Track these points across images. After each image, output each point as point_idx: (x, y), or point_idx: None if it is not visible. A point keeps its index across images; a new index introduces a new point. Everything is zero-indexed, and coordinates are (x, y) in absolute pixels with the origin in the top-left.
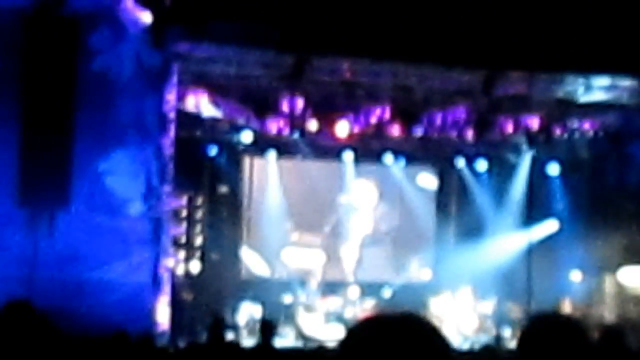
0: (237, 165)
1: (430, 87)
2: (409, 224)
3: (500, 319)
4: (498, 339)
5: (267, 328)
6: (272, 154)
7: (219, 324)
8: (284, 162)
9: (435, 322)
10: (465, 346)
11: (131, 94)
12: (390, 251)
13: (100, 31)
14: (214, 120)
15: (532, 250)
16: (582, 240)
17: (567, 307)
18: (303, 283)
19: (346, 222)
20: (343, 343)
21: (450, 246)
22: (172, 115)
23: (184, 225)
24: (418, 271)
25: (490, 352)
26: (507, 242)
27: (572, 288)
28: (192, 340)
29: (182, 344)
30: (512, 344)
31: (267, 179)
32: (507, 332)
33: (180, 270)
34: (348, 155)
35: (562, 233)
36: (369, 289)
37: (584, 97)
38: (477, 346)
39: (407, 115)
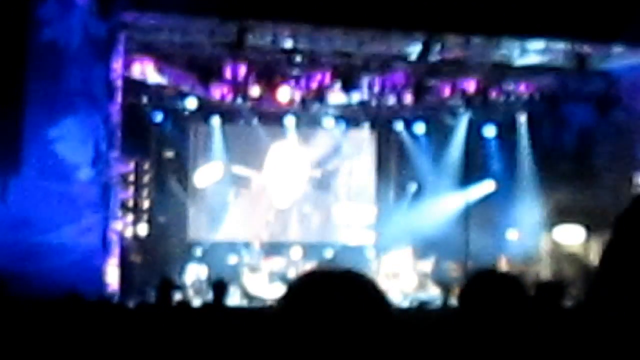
0: (182, 130)
1: (369, 52)
2: (349, 186)
3: (439, 278)
4: (437, 296)
5: (219, 288)
6: (216, 120)
7: (167, 285)
8: (227, 127)
9: (376, 280)
10: (405, 304)
11: (79, 63)
12: (332, 213)
13: (49, 3)
14: (160, 87)
15: (470, 211)
16: (518, 200)
17: (504, 266)
18: (247, 244)
19: (289, 184)
20: (283, 298)
21: (391, 207)
22: (119, 83)
23: (132, 189)
24: (359, 232)
25: (429, 309)
26: (446, 202)
27: (509, 246)
28: (142, 300)
29: (131, 304)
30: (451, 302)
31: (212, 144)
32: (446, 290)
33: (128, 233)
34: (290, 120)
35: (498, 193)
36: (312, 249)
37: (519, 61)
38: (416, 303)
39: (347, 80)
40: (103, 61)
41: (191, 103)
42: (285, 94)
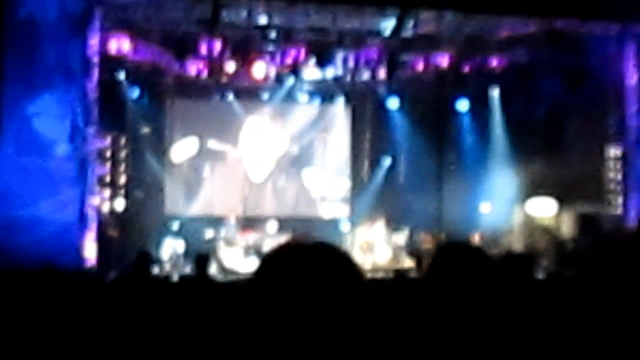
0: (158, 106)
1: (343, 28)
2: (324, 160)
3: (413, 249)
4: (411, 268)
5: (201, 261)
6: (192, 95)
7: (144, 259)
8: (203, 102)
9: (350, 252)
10: (379, 276)
11: (56, 39)
12: (307, 187)
13: None
14: (136, 63)
15: (443, 184)
16: (491, 173)
17: (477, 238)
18: (223, 219)
19: (263, 158)
20: (258, 270)
21: (365, 180)
22: (95, 59)
23: (109, 164)
24: (334, 205)
25: (401, 280)
26: (419, 175)
27: (482, 219)
28: (119, 274)
29: (108, 278)
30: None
31: (188, 119)
32: (419, 262)
33: (105, 208)
34: (265, 95)
35: (472, 166)
36: (287, 223)
37: (492, 35)
38: (390, 275)
39: (321, 55)
40: (79, 37)
41: (167, 79)
42: (260, 69)
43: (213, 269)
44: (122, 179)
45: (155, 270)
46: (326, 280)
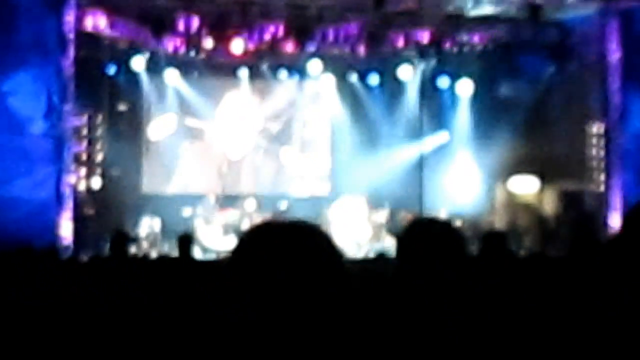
0: (135, 83)
1: (322, 3)
2: (303, 137)
3: (393, 228)
4: (391, 247)
5: (185, 241)
6: (169, 72)
7: (121, 237)
8: (181, 79)
9: (331, 231)
10: (359, 255)
11: (31, 16)
12: (286, 164)
13: None
14: (113, 40)
15: (424, 161)
16: (472, 151)
17: (442, 213)
18: (201, 197)
19: (241, 135)
20: (235, 250)
21: (345, 158)
22: (71, 36)
23: (85, 142)
24: (314, 183)
25: (382, 260)
26: (400, 153)
27: (464, 197)
28: (96, 253)
29: (85, 257)
30: None
31: (165, 96)
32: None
33: (82, 187)
34: (243, 72)
35: (452, 144)
36: (265, 201)
37: (473, 11)
38: (371, 254)
39: (300, 31)
40: (55, 14)
41: (144, 56)
42: (238, 45)
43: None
44: (99, 157)
45: (133, 249)
46: (305, 260)
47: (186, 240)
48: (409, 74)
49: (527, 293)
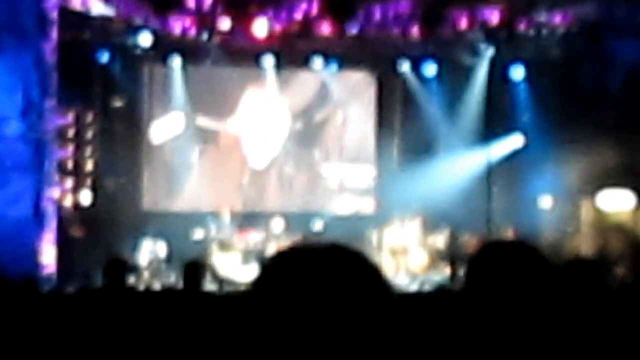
0: (134, 73)
1: None
2: (343, 142)
3: (454, 254)
4: (453, 277)
5: (193, 270)
6: (176, 60)
7: (118, 266)
8: (190, 69)
9: (377, 258)
10: (413, 287)
11: None
12: (321, 175)
13: None
14: (106, 19)
15: (493, 172)
16: (552, 159)
17: (510, 234)
18: (216, 215)
19: (267, 139)
20: (256, 280)
21: (394, 168)
22: (54, 14)
23: (71, 147)
24: (355, 199)
25: (443, 294)
26: (462, 162)
27: (541, 216)
28: (85, 285)
29: (71, 290)
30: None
31: (171, 90)
32: (463, 270)
33: (67, 202)
34: (268, 60)
35: (528, 150)
36: (295, 220)
37: None
38: (427, 287)
39: (339, 9)
40: None
41: (145, 39)
42: (262, 27)
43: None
44: (89, 165)
45: (131, 279)
46: (344, 295)
47: (194, 269)
48: (474, 63)
49: (621, 333)
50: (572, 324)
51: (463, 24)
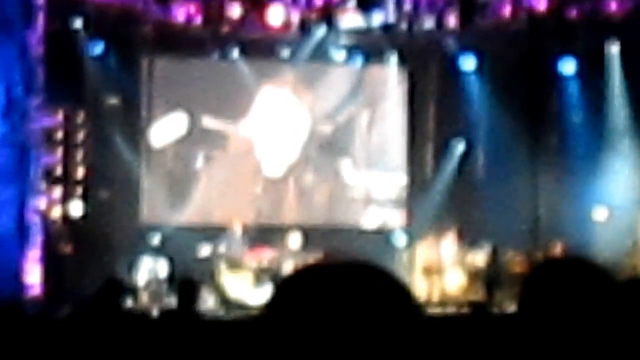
0: (132, 67)
1: None
2: (370, 147)
3: (497, 274)
4: (494, 300)
5: (187, 289)
6: (179, 53)
7: (112, 286)
8: (195, 63)
9: (407, 279)
10: (448, 310)
11: None
12: (345, 184)
13: None
14: (100, 6)
15: (540, 179)
16: (608, 165)
17: (558, 250)
18: (225, 229)
19: (283, 144)
20: (270, 303)
21: (428, 175)
22: (40, 1)
23: (60, 151)
24: (384, 211)
25: (483, 318)
26: (505, 168)
27: (596, 230)
28: (76, 309)
29: (61, 314)
30: (513, 307)
31: (174, 86)
32: (506, 292)
33: (55, 214)
34: (284, 53)
35: (580, 155)
36: (316, 235)
37: None
38: (465, 310)
39: None
40: None
41: (144, 29)
42: (277, 15)
43: (210, 301)
44: (80, 172)
45: (128, 302)
46: (369, 320)
47: (188, 290)
48: (518, 56)
49: None
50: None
51: (506, 12)
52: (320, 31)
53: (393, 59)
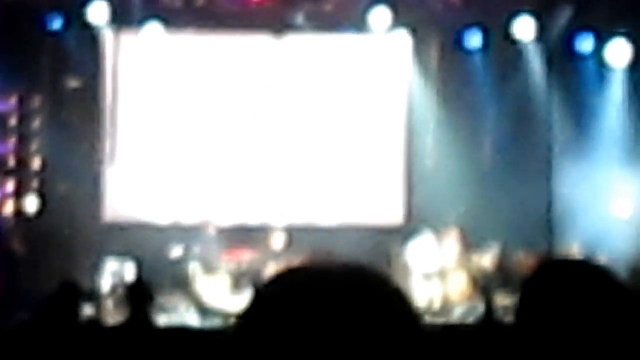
0: (94, 44)
1: None
2: (364, 132)
3: (505, 276)
4: (501, 307)
5: (139, 294)
6: (148, 28)
7: (70, 292)
8: (168, 38)
9: (404, 283)
10: (450, 319)
11: None
12: (335, 175)
13: None
14: None
15: (554, 171)
16: (631, 156)
17: (604, 258)
18: (200, 228)
19: (266, 129)
20: (247, 311)
21: (429, 166)
22: None
23: (13, 140)
24: (379, 207)
25: (488, 327)
26: (513, 156)
27: (615, 228)
28: (28, 317)
29: (12, 323)
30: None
31: (144, 65)
32: (515, 298)
33: (8, 209)
34: (266, 23)
35: (600, 143)
36: (301, 234)
37: None
38: (470, 318)
39: None
40: None
41: (108, 1)
42: None
43: (182, 308)
44: (35, 163)
45: (88, 310)
46: (360, 330)
47: (139, 294)
48: (531, 32)
49: None
50: None
51: None
52: (307, 2)
53: (391, 34)
